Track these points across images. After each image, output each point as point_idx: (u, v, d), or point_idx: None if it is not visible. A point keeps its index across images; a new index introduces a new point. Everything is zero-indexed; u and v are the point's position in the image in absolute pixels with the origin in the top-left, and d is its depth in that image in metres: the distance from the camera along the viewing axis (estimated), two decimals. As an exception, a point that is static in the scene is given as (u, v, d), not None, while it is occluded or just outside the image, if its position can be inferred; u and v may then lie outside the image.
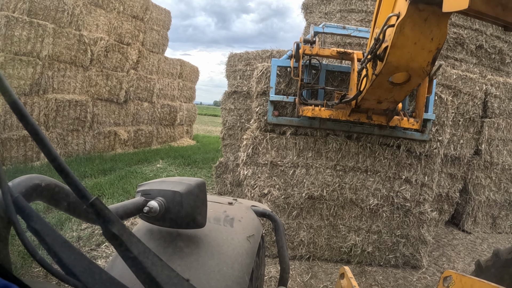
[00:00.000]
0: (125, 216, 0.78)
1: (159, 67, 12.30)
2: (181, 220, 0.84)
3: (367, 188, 3.98)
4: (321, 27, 3.89)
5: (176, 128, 13.97)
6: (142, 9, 10.79)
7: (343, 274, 2.48)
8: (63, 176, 0.50)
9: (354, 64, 3.26)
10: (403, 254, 4.18)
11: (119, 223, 0.55)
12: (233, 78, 6.83)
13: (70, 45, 8.56)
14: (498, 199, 6.17)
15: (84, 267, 0.49)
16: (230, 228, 1.05)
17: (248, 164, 4.06)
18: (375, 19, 2.52)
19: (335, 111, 3.32)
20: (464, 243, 5.56)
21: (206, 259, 0.89)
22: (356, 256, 4.13)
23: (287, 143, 4.01)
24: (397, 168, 4.00)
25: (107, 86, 9.75)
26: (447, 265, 4.56)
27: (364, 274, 3.98)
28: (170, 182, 0.90)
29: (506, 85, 5.98)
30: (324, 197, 3.98)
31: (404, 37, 1.86)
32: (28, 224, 0.49)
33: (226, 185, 6.77)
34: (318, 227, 4.09)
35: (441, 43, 1.89)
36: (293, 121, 3.79)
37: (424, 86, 3.14)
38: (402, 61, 2.01)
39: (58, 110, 8.39)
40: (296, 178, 3.99)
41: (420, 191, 4.05)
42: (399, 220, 4.08)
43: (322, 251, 4.15)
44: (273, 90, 3.70)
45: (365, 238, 4.09)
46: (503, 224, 6.42)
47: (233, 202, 1.29)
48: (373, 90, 2.52)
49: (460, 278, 1.90)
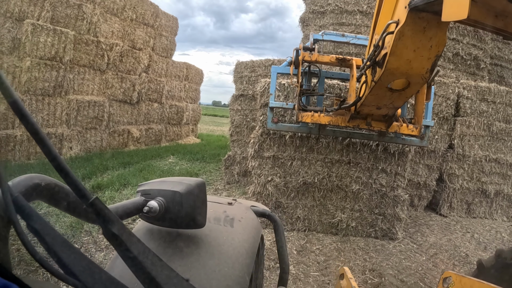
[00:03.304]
0: (125, 216, 0.81)
1: (167, 70, 13.40)
2: (181, 220, 0.87)
3: (350, 176, 5.06)
4: (321, 35, 3.97)
5: (183, 127, 15.10)
6: (153, 16, 11.85)
7: (342, 275, 2.54)
8: (63, 176, 0.51)
9: (353, 70, 3.33)
10: (381, 228, 5.26)
11: (119, 223, 0.56)
12: (240, 83, 7.94)
13: (88, 51, 9.49)
14: (471, 187, 7.18)
15: (84, 267, 0.51)
16: (230, 228, 1.07)
17: (255, 157, 5.14)
18: (374, 25, 2.56)
19: (334, 117, 3.40)
20: (439, 224, 6.59)
21: (207, 259, 0.90)
22: (343, 229, 5.22)
23: (286, 141, 5.05)
24: (374, 160, 5.07)
25: (122, 88, 10.75)
26: (420, 238, 5.59)
27: (349, 243, 5.05)
28: (170, 182, 0.92)
29: (477, 88, 7.00)
30: (316, 183, 5.08)
31: (403, 44, 1.90)
32: (28, 224, 0.50)
33: (233, 175, 7.89)
34: (311, 206, 5.20)
35: (440, 51, 1.92)
36: (292, 128, 3.99)
37: (423, 92, 3.19)
38: (401, 68, 2.05)
39: (78, 109, 9.31)
40: (293, 168, 5.08)
41: (394, 178, 5.13)
42: (377, 201, 5.17)
43: (315, 225, 5.25)
44: (273, 97, 3.85)
45: (349, 215, 5.18)
46: (478, 210, 7.43)
47: (232, 202, 1.31)
48: (372, 96, 2.56)
49: (460, 279, 1.92)
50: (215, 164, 10.02)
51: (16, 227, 0.48)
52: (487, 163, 7.11)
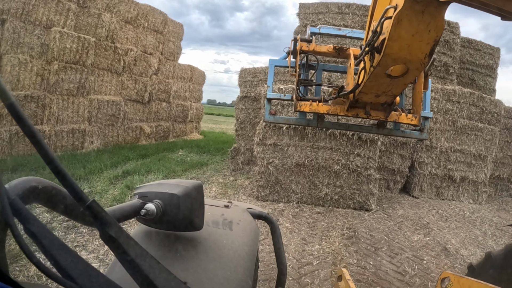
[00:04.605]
0: (122, 219, 0.83)
1: (174, 72, 15.08)
2: (178, 223, 0.89)
3: (332, 159, 6.71)
4: (318, 28, 4.01)
5: (187, 124, 16.88)
6: (162, 24, 13.49)
7: (340, 276, 2.58)
8: (60, 179, 0.52)
9: (350, 59, 3.38)
10: (358, 201, 6.90)
11: (116, 225, 0.57)
12: (243, 86, 9.69)
13: (107, 55, 10.96)
14: (439, 174, 8.82)
15: (81, 270, 0.52)
16: (229, 232, 1.10)
17: (259, 144, 6.80)
18: (372, 12, 2.59)
19: (333, 106, 3.40)
20: (410, 203, 8.21)
21: (207, 263, 0.92)
22: (327, 201, 6.88)
23: (283, 132, 6.72)
24: (351, 146, 6.70)
25: (135, 89, 12.37)
26: (391, 211, 7.19)
27: (333, 212, 6.66)
28: (168, 185, 0.95)
29: (444, 90, 8.69)
30: (306, 164, 6.75)
31: (402, 29, 1.92)
32: (25, 227, 0.51)
33: (238, 164, 9.61)
34: (303, 182, 6.86)
35: (438, 35, 1.95)
36: (290, 120, 4.03)
37: (420, 82, 3.23)
38: (399, 53, 2.08)
39: (99, 108, 10.78)
40: (288, 153, 6.76)
41: (367, 161, 6.77)
42: (354, 179, 6.81)
43: (306, 198, 6.91)
44: (270, 89, 3.89)
45: (332, 190, 6.83)
46: (446, 193, 9.05)
47: (229, 205, 1.35)
48: (371, 83, 2.59)
49: (458, 279, 1.96)
50: (220, 156, 11.70)
51: (13, 230, 0.48)
52: (452, 153, 8.76)
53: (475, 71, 11.48)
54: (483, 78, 11.72)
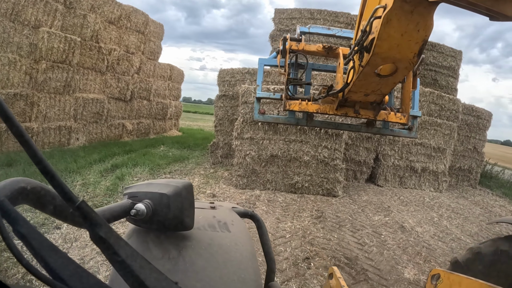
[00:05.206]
0: (112, 219, 0.84)
1: (154, 71, 15.80)
2: (168, 223, 0.90)
3: (302, 150, 7.68)
4: (307, 28, 4.05)
5: (167, 121, 17.69)
6: (144, 24, 14.18)
7: (331, 274, 2.62)
8: (48, 179, 0.52)
9: (340, 58, 3.42)
10: (326, 188, 7.90)
11: (106, 226, 0.57)
12: (222, 85, 10.59)
13: (92, 55, 11.43)
14: (402, 165, 9.89)
15: (72, 271, 0.52)
16: (228, 233, 1.10)
17: (237, 138, 7.73)
18: (361, 11, 2.62)
19: (322, 105, 3.44)
20: (375, 191, 9.26)
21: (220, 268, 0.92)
22: (299, 188, 7.86)
23: (259, 127, 7.65)
24: (319, 139, 7.69)
25: (118, 87, 13.00)
26: (357, 197, 8.21)
27: (304, 197, 7.63)
28: (157, 184, 0.95)
29: (405, 90, 9.80)
30: (279, 155, 7.72)
31: (391, 28, 1.95)
32: (14, 228, 0.50)
33: (217, 157, 10.54)
34: (276, 172, 7.83)
35: (427, 35, 1.98)
36: (280, 119, 4.06)
37: (409, 81, 3.26)
38: (389, 53, 2.11)
39: (84, 106, 11.30)
40: (263, 145, 7.71)
41: (334, 152, 7.77)
42: (322, 168, 7.81)
43: (279, 186, 7.88)
44: (260, 88, 3.93)
45: (303, 178, 7.81)
46: (408, 182, 10.13)
47: (215, 206, 1.33)
48: (360, 82, 2.63)
49: (448, 275, 2.01)
50: (200, 151, 12.63)
51: (1, 232, 0.48)
52: (413, 146, 9.85)
53: (438, 72, 12.70)
54: (445, 78, 12.94)
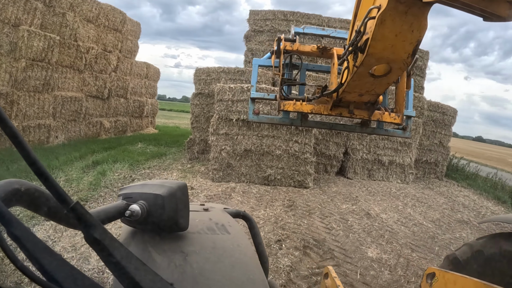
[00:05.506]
0: (107, 220, 0.84)
1: (131, 70, 16.15)
2: (163, 223, 0.90)
3: (275, 145, 8.32)
4: (302, 28, 4.07)
5: (143, 119, 18.07)
6: (121, 23, 14.48)
7: (327, 274, 2.64)
8: (42, 180, 0.52)
9: (334, 58, 3.44)
10: (298, 180, 8.56)
11: (100, 227, 0.57)
12: (198, 84, 11.14)
13: (70, 53, 11.64)
14: (370, 158, 10.62)
15: (66, 273, 0.52)
16: (228, 235, 1.10)
17: (213, 134, 8.30)
18: (356, 12, 2.64)
19: (316, 105, 3.45)
20: (344, 183, 9.98)
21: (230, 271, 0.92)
22: (272, 181, 8.49)
23: (233, 123, 8.24)
24: (290, 135, 8.33)
25: (96, 85, 13.28)
26: (327, 188, 8.90)
27: (276, 189, 8.27)
28: (152, 185, 0.95)
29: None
30: (253, 150, 8.35)
31: (385, 29, 1.96)
32: (8, 230, 0.50)
33: (194, 153, 11.14)
34: (250, 165, 8.45)
35: (421, 35, 1.99)
36: (274, 119, 4.07)
37: (403, 81, 3.29)
38: (383, 53, 2.13)
39: (63, 104, 11.54)
40: (238, 140, 8.31)
41: (304, 146, 8.41)
42: (293, 161, 8.46)
43: (253, 179, 8.50)
44: (254, 88, 3.96)
45: (275, 171, 8.45)
46: (377, 175, 10.89)
47: (208, 208, 1.34)
48: (354, 82, 2.65)
49: (443, 274, 2.04)
50: (176, 148, 13.17)
51: None
52: (381, 141, 10.57)
53: (405, 71, 13.41)
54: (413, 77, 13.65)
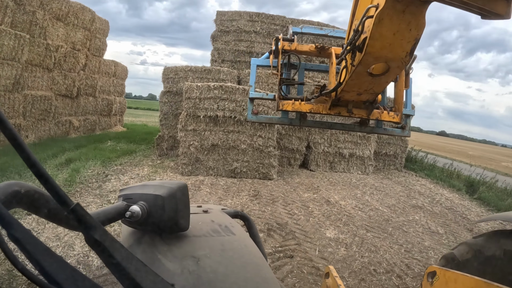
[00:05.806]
0: (107, 222, 0.84)
1: (99, 68, 16.30)
2: (163, 224, 0.91)
3: (240, 139, 9.00)
4: (300, 28, 4.08)
5: (112, 117, 18.28)
6: (90, 21, 14.65)
7: (328, 274, 2.68)
8: (42, 182, 0.52)
9: (332, 58, 3.45)
10: (262, 172, 9.26)
11: (101, 229, 0.58)
12: (167, 82, 11.72)
13: (40, 52, 11.58)
14: (331, 151, 11.43)
15: (67, 275, 0.53)
16: (234, 236, 1.10)
17: (182, 130, 8.91)
18: (353, 11, 2.65)
19: (315, 105, 3.46)
20: (307, 174, 10.73)
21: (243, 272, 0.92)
22: (238, 173, 9.17)
23: (201, 119, 8.86)
24: (254, 130, 9.02)
25: (65, 84, 13.41)
26: (290, 180, 9.63)
27: (242, 181, 8.93)
28: (152, 186, 0.96)
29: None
30: (219, 144, 9.00)
31: (383, 28, 1.97)
32: (9, 232, 0.51)
33: (163, 149, 11.62)
34: (217, 159, 9.10)
35: (419, 34, 2.00)
36: (273, 119, 4.08)
37: (402, 80, 3.29)
38: (381, 52, 2.13)
39: (33, 103, 11.61)
40: (205, 136, 8.94)
41: (267, 141, 9.12)
42: (258, 155, 9.16)
43: (220, 172, 9.15)
44: (253, 88, 3.97)
45: (241, 164, 9.14)
46: (338, 167, 11.72)
47: (207, 210, 1.34)
48: (353, 81, 2.65)
49: (444, 273, 2.04)
50: (146, 145, 13.63)
51: None
52: (341, 135, 11.39)
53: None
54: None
